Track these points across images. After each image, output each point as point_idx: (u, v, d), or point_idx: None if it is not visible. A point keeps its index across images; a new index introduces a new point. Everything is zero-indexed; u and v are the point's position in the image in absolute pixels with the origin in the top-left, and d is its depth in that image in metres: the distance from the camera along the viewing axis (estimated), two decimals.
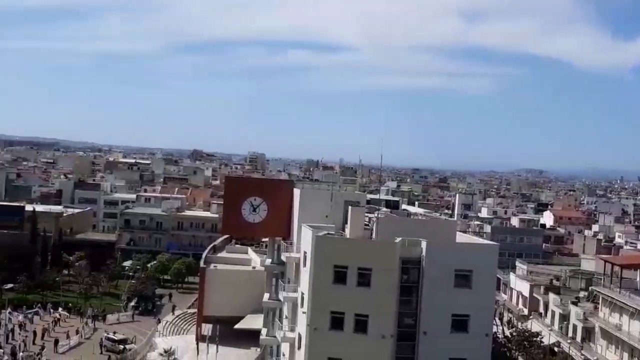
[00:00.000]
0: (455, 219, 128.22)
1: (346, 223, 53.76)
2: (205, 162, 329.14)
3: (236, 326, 65.74)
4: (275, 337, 57.50)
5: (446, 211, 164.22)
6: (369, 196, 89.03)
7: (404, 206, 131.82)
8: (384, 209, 70.67)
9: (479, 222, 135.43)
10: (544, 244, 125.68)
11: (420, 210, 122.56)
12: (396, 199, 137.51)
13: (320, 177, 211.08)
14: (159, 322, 78.94)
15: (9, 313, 76.13)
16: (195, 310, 77.28)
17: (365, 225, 54.12)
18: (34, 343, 70.38)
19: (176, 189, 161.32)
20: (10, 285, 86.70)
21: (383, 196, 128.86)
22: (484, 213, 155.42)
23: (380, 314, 46.67)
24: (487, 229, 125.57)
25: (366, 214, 57.06)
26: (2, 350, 65.23)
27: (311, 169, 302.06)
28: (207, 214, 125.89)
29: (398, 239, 47.38)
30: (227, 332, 65.27)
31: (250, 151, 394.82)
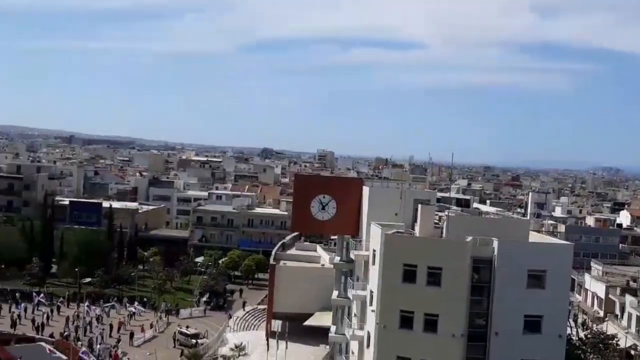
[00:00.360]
0: (528, 218, 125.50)
1: (416, 221, 53.30)
2: (275, 160, 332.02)
3: (305, 323, 66.24)
4: (344, 334, 57.63)
5: (519, 210, 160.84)
6: (439, 194, 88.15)
7: (475, 205, 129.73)
8: (455, 207, 70.00)
9: (552, 222, 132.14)
10: (620, 245, 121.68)
11: (492, 209, 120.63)
12: (467, 197, 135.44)
13: (390, 175, 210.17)
14: (230, 317, 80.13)
15: (87, 306, 78.53)
16: (265, 306, 78.12)
17: (435, 223, 53.55)
18: (110, 336, 72.36)
19: (246, 186, 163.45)
20: (88, 280, 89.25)
21: (453, 194, 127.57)
22: (558, 212, 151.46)
23: (450, 313, 46.10)
24: (562, 228, 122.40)
25: (436, 213, 56.49)
26: (80, 342, 67.34)
27: (380, 167, 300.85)
28: (277, 211, 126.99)
29: (469, 238, 46.67)
30: (296, 328, 65.78)
31: (319, 149, 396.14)
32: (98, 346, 66.49)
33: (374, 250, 50.79)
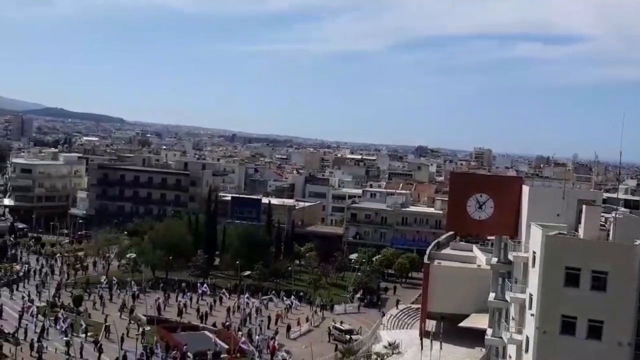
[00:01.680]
0: None
1: (579, 223, 50.76)
2: (430, 158, 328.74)
3: (461, 324, 64.93)
4: (501, 338, 55.92)
5: None
6: (605, 195, 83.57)
7: None
8: (622, 208, 65.71)
9: None
10: None
11: None
12: (636, 198, 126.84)
13: (551, 174, 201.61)
14: (384, 315, 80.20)
15: (247, 298, 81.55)
16: (419, 305, 77.47)
17: (601, 225, 50.68)
18: (268, 327, 74.74)
19: (400, 184, 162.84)
20: (248, 272, 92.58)
21: (621, 195, 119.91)
22: None
23: (616, 320, 43.63)
24: None
25: (602, 214, 53.46)
26: (240, 332, 70.06)
27: (541, 166, 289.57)
28: (432, 209, 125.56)
29: (638, 241, 43.86)
30: (450, 329, 64.73)
31: (476, 147, 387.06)
32: (257, 337, 68.83)
33: (534, 252, 48.91)
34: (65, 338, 63.76)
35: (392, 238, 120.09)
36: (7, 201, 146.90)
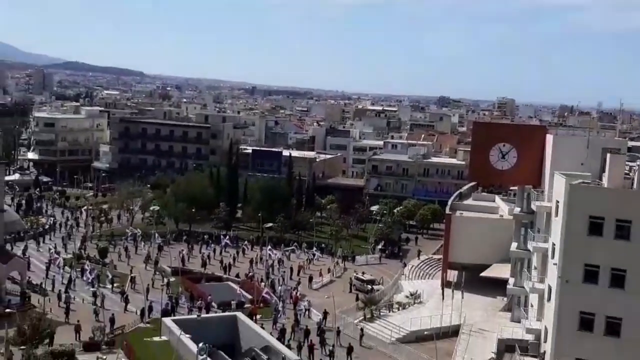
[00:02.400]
0: None
1: (604, 172, 50.21)
2: (452, 109, 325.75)
3: (482, 274, 65.17)
4: (523, 287, 56.06)
5: None
6: (630, 143, 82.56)
7: None
8: None
9: None
10: None
11: None
12: None
13: (575, 123, 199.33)
14: (405, 265, 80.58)
15: (269, 250, 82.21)
16: (441, 256, 77.72)
17: (626, 174, 50.08)
18: (290, 278, 75.47)
19: (422, 135, 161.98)
20: (270, 225, 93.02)
21: None
22: None
23: None
24: None
25: (626, 163, 52.80)
26: (263, 283, 70.87)
27: (565, 115, 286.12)
28: (454, 160, 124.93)
29: None
30: (472, 279, 64.97)
31: (499, 96, 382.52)
32: (280, 287, 69.59)
33: (557, 202, 48.58)
34: (92, 289, 64.90)
35: (414, 189, 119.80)
36: (31, 155, 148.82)
